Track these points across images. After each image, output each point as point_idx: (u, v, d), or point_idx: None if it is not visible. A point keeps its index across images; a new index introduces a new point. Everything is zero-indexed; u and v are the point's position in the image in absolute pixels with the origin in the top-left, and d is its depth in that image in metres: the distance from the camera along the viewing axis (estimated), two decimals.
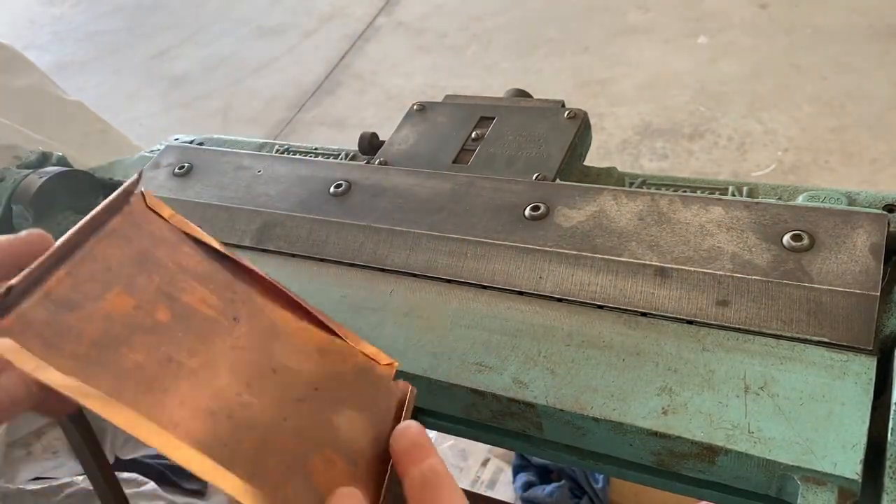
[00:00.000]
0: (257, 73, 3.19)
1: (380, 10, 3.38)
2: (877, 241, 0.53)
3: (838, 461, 0.43)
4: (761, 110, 2.26)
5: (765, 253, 0.55)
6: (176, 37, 3.62)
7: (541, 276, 0.59)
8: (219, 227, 0.74)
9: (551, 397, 0.51)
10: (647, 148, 2.25)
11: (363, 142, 0.79)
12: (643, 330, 0.54)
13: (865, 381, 0.47)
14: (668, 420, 0.48)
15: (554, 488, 1.30)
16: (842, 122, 2.14)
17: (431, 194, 0.69)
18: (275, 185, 0.76)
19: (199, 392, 0.39)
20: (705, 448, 0.47)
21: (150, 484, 1.18)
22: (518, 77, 2.68)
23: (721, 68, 2.46)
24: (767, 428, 0.46)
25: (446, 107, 0.80)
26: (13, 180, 0.80)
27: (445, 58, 2.96)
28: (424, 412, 0.61)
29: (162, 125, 2.96)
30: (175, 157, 0.84)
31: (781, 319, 0.51)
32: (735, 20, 2.65)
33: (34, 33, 3.95)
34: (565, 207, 0.63)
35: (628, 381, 0.51)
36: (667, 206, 0.60)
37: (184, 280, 0.44)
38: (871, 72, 2.26)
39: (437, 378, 0.55)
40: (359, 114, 2.79)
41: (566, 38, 2.82)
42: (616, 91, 2.51)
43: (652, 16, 2.81)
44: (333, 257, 0.68)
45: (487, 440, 0.61)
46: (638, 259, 0.57)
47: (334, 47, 3.22)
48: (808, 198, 0.60)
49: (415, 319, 0.60)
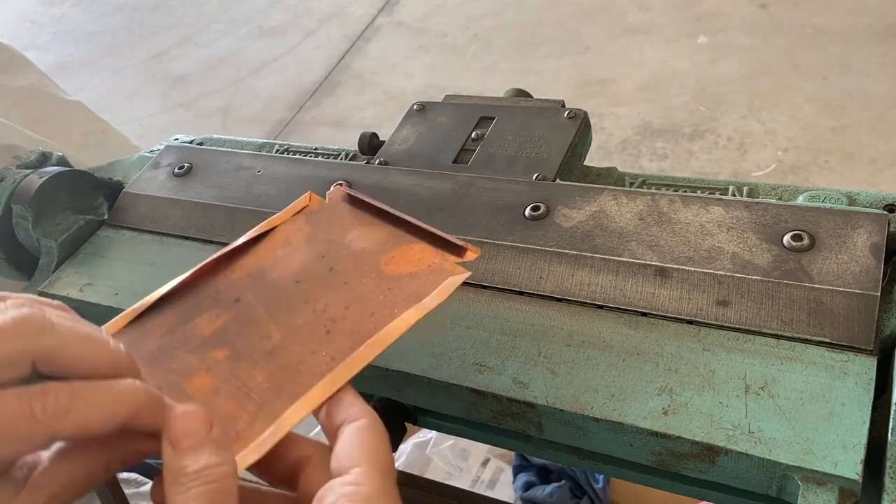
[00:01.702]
0: (257, 73, 3.19)
1: (380, 9, 3.38)
2: (877, 241, 0.53)
3: (839, 461, 0.43)
4: (761, 110, 2.26)
5: (765, 253, 0.55)
6: (176, 37, 3.62)
7: (541, 276, 0.59)
8: (219, 227, 0.74)
9: (551, 397, 0.51)
10: (647, 148, 2.25)
11: (363, 142, 0.79)
12: (643, 330, 0.54)
13: (866, 381, 0.47)
14: (668, 420, 0.48)
15: (554, 488, 1.30)
16: (842, 122, 2.14)
17: (431, 194, 0.69)
18: (275, 185, 0.76)
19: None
20: (706, 448, 0.47)
21: (150, 484, 1.17)
22: (518, 77, 2.68)
23: (721, 68, 2.46)
24: (768, 428, 0.46)
25: (446, 107, 0.80)
26: (13, 180, 0.80)
27: (445, 58, 2.96)
28: (424, 412, 0.61)
29: (162, 125, 2.96)
30: (175, 157, 0.84)
31: (782, 319, 0.51)
32: (735, 20, 2.64)
33: (34, 33, 3.95)
34: (565, 207, 0.63)
35: (628, 381, 0.51)
36: (667, 206, 0.60)
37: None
38: (871, 72, 2.26)
39: (437, 378, 0.55)
40: (359, 114, 2.79)
41: (566, 38, 2.82)
42: (616, 91, 2.51)
43: (652, 16, 2.81)
44: None
45: (487, 440, 0.61)
46: (638, 259, 0.57)
47: (334, 47, 3.22)
48: (808, 198, 0.60)
49: None
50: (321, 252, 0.49)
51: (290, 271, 0.48)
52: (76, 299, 0.73)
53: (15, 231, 0.81)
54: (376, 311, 0.45)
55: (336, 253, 0.49)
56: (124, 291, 0.72)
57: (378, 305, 0.45)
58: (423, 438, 1.43)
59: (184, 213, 0.77)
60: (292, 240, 0.50)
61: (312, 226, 0.51)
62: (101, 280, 0.74)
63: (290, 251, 0.49)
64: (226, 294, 0.47)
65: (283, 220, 0.51)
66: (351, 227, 0.50)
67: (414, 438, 1.44)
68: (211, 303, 0.47)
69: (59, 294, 0.74)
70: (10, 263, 0.83)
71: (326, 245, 0.49)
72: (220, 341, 0.45)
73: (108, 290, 0.72)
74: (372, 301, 0.45)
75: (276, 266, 0.48)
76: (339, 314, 0.45)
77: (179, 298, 0.47)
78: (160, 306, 0.47)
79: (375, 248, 0.49)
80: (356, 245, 0.49)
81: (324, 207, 0.53)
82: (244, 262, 0.49)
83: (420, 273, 0.47)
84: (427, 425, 0.63)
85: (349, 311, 0.45)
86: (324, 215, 0.52)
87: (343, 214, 0.52)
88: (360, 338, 0.43)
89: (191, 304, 0.47)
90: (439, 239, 0.49)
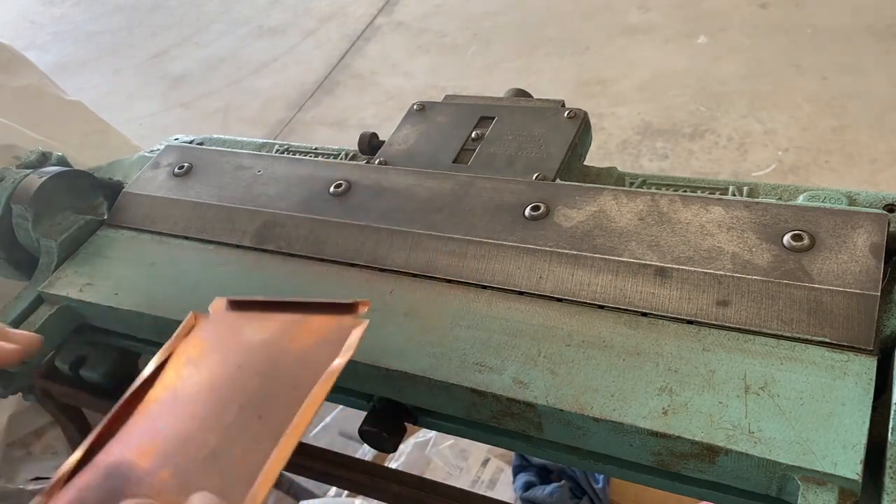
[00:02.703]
0: (257, 73, 3.19)
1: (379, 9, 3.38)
2: (877, 240, 0.52)
3: (839, 461, 0.43)
4: (761, 110, 2.26)
5: (765, 253, 0.55)
6: (176, 37, 3.62)
7: (541, 276, 0.59)
8: (219, 226, 0.74)
9: (551, 397, 0.51)
10: (647, 148, 2.25)
11: (363, 142, 0.79)
12: (643, 330, 0.54)
13: (866, 381, 0.47)
14: (668, 420, 0.48)
15: (554, 488, 1.30)
16: (842, 122, 2.13)
17: (431, 194, 0.69)
18: (275, 185, 0.76)
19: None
20: (706, 448, 0.46)
21: None
22: (518, 77, 2.68)
23: (721, 68, 2.46)
24: (768, 428, 0.46)
25: (446, 107, 0.80)
26: (13, 180, 0.80)
27: (445, 58, 2.96)
28: (425, 412, 0.61)
29: (162, 125, 2.96)
30: (175, 157, 0.84)
31: (782, 319, 0.51)
32: (735, 20, 2.64)
33: (34, 33, 3.95)
34: (565, 207, 0.63)
35: (628, 381, 0.51)
36: (667, 206, 0.60)
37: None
38: (871, 72, 2.26)
39: (437, 378, 0.55)
40: (359, 114, 2.79)
41: (566, 38, 2.82)
42: (616, 91, 2.51)
43: (652, 16, 2.81)
44: (333, 257, 0.68)
45: (487, 440, 0.61)
46: (638, 259, 0.57)
47: (334, 47, 3.22)
48: (808, 198, 0.60)
49: (415, 319, 0.60)
50: (224, 356, 0.50)
51: (203, 382, 0.49)
52: (76, 299, 0.73)
53: (15, 231, 0.81)
54: (296, 385, 0.46)
55: (239, 352, 0.50)
56: (124, 291, 0.72)
57: (296, 380, 0.46)
58: (423, 438, 1.44)
59: (184, 212, 0.77)
60: (192, 356, 0.51)
61: (207, 339, 0.53)
62: (100, 280, 0.74)
63: (195, 367, 0.50)
64: (148, 426, 0.48)
65: (176, 345, 0.53)
66: (244, 327, 0.52)
67: (414, 438, 1.44)
68: (136, 439, 0.47)
69: (59, 294, 0.74)
70: (10, 263, 0.83)
71: (227, 349, 0.51)
72: (161, 465, 0.45)
73: (107, 290, 0.72)
74: (289, 377, 0.47)
75: (187, 383, 0.49)
76: (263, 400, 0.46)
77: (104, 449, 0.47)
78: (86, 462, 0.47)
79: (275, 334, 0.51)
80: (256, 339, 0.51)
81: (210, 321, 0.54)
82: (153, 394, 0.50)
83: (325, 339, 0.49)
84: (427, 425, 0.63)
85: (270, 395, 0.46)
86: (213, 327, 0.53)
87: (231, 320, 0.53)
88: (290, 411, 0.44)
89: (118, 448, 0.47)
90: (328, 305, 0.52)
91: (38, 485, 1.12)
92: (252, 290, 0.68)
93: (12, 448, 1.15)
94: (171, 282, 0.71)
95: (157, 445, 0.46)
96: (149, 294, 0.70)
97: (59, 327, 0.74)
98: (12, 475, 1.14)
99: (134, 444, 0.47)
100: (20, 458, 1.16)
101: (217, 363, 0.50)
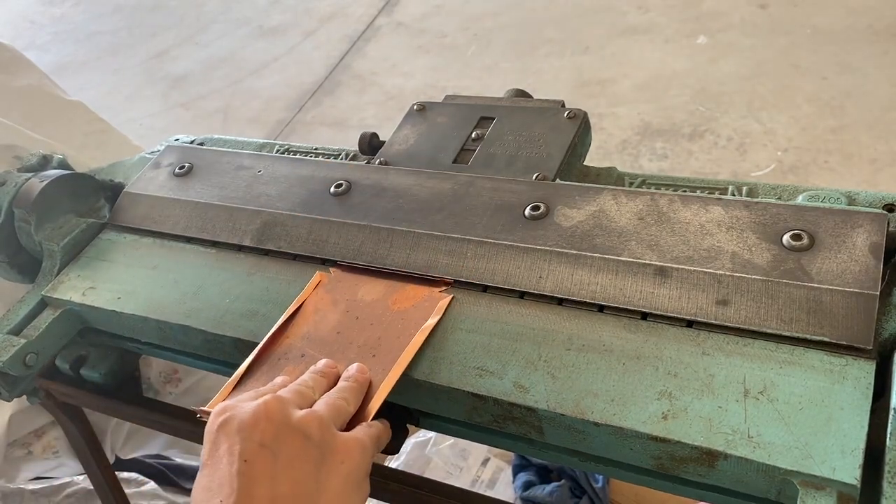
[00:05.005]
0: (257, 73, 3.19)
1: (380, 10, 3.38)
2: (876, 240, 0.53)
3: (837, 466, 0.43)
4: (761, 110, 2.25)
5: (765, 252, 0.55)
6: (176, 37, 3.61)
7: (541, 276, 0.59)
8: (219, 226, 0.74)
9: (552, 402, 0.51)
10: (646, 148, 2.25)
11: (363, 142, 0.79)
12: (643, 334, 0.54)
13: (864, 385, 0.47)
14: (668, 425, 0.48)
15: (554, 488, 1.30)
16: (842, 122, 2.13)
17: (431, 194, 0.69)
18: (275, 185, 0.76)
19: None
20: (705, 453, 0.47)
21: (150, 484, 1.18)
22: (518, 77, 2.68)
23: (721, 68, 2.46)
24: (767, 433, 0.46)
25: (446, 107, 0.80)
26: (14, 184, 0.80)
27: (445, 58, 2.95)
28: (426, 414, 0.61)
29: (162, 125, 2.96)
30: (175, 157, 0.84)
31: (781, 318, 0.51)
32: (735, 20, 2.64)
33: (34, 33, 3.95)
34: (565, 207, 0.63)
35: (628, 385, 0.51)
36: (667, 206, 0.60)
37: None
38: (871, 72, 2.26)
39: (438, 383, 0.55)
40: (359, 114, 2.79)
41: (566, 38, 2.82)
42: (616, 91, 2.51)
43: (652, 16, 2.80)
44: (333, 257, 0.68)
45: (489, 442, 0.61)
46: (638, 258, 0.57)
47: (334, 47, 3.22)
48: (807, 198, 0.60)
49: None
50: (345, 309, 0.64)
51: (329, 327, 0.63)
52: (79, 303, 0.73)
53: (17, 234, 0.81)
54: (399, 335, 0.60)
55: (355, 306, 0.64)
56: (127, 295, 0.72)
57: (399, 331, 0.60)
58: (423, 438, 1.43)
59: (184, 212, 0.77)
60: (320, 306, 0.65)
61: (330, 293, 0.66)
62: (103, 283, 0.74)
63: (322, 314, 0.64)
64: (291, 354, 0.61)
65: (307, 295, 0.66)
66: (358, 287, 0.66)
67: (414, 438, 1.44)
68: (284, 363, 0.61)
69: (62, 298, 0.74)
70: (13, 266, 0.83)
71: (346, 303, 0.64)
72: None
73: (110, 294, 0.72)
74: (394, 329, 0.61)
75: (317, 327, 0.63)
76: (376, 344, 0.60)
77: (256, 368, 0.61)
78: (245, 379, 0.60)
79: (381, 296, 0.64)
80: (368, 298, 0.64)
81: (331, 279, 0.67)
82: (291, 331, 0.63)
83: (419, 304, 0.62)
84: (429, 427, 0.63)
85: (381, 340, 0.60)
86: (333, 284, 0.67)
87: (347, 280, 0.67)
88: (397, 353, 0.58)
89: (267, 369, 0.61)
90: (419, 278, 0.64)
91: (38, 484, 1.12)
92: (254, 293, 0.68)
93: (12, 448, 1.15)
94: (173, 286, 0.71)
95: (301, 369, 0.59)
96: (151, 298, 0.70)
97: (62, 331, 0.75)
98: (12, 475, 1.14)
99: (281, 367, 0.60)
100: (20, 458, 1.16)
101: (339, 313, 0.64)
